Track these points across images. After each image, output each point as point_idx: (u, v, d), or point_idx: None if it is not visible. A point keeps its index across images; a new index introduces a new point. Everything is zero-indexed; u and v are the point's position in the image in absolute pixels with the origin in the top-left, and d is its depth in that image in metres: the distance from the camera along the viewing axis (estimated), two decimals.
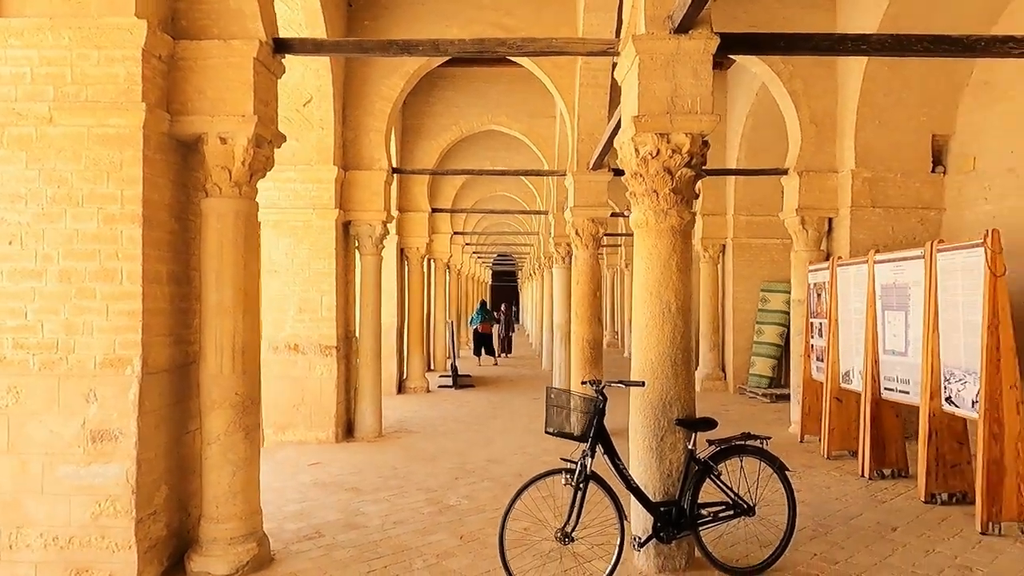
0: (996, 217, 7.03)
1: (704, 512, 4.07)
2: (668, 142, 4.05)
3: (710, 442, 4.15)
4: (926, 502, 5.45)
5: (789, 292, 9.20)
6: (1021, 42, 4.22)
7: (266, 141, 4.35)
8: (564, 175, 8.73)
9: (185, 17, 4.19)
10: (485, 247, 29.34)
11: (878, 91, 7.67)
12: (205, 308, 4.19)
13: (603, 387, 3.94)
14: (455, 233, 17.78)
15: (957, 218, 7.66)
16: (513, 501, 3.75)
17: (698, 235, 12.27)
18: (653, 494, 4.09)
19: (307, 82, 7.72)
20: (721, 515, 4.11)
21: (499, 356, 18.70)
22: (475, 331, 18.40)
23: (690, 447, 4.07)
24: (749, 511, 4.14)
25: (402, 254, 12.68)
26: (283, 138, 4.67)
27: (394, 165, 11.34)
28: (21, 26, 3.76)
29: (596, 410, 3.86)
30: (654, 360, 4.14)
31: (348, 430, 8.30)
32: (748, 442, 4.17)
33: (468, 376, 14.17)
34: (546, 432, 3.97)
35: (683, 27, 3.92)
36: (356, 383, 8.41)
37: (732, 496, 4.13)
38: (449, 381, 13.15)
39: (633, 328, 4.32)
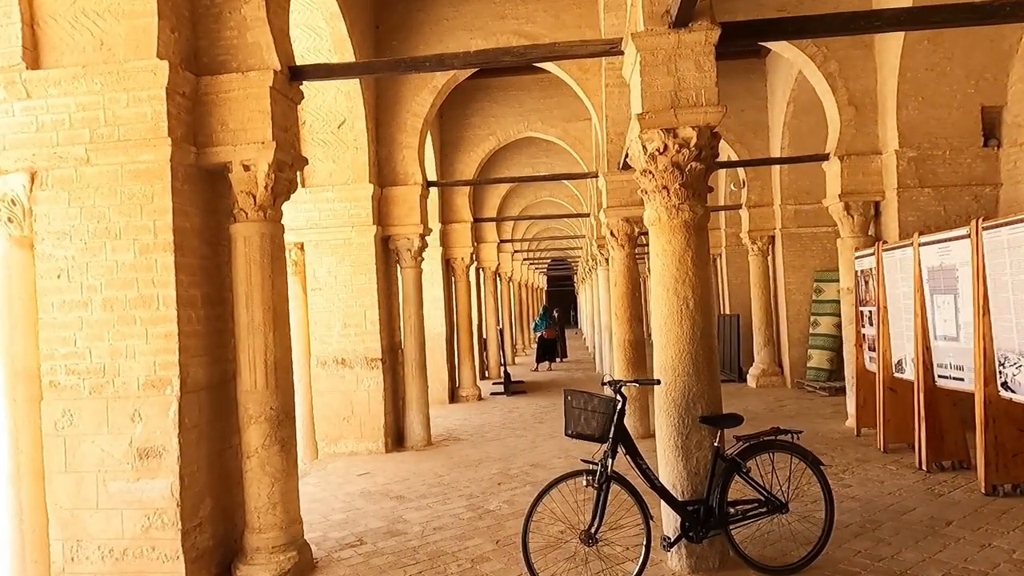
0: None
1: (734, 510, 3.99)
2: (675, 137, 4.02)
3: (737, 438, 4.07)
4: (987, 494, 5.15)
5: None
6: None
7: (287, 165, 4.54)
8: (596, 177, 8.70)
9: (206, 54, 4.43)
10: (537, 253, 29.35)
11: (918, 67, 7.33)
12: (238, 327, 4.41)
13: (620, 387, 3.93)
14: (502, 241, 17.90)
15: (1015, 192, 7.23)
16: (534, 505, 3.79)
17: (744, 227, 11.99)
18: (680, 493, 4.04)
19: (340, 105, 7.99)
20: (752, 513, 4.01)
21: (552, 361, 18.52)
22: (540, 337, 17.97)
23: (716, 444, 4.00)
24: (782, 508, 4.03)
25: (448, 265, 12.87)
26: (305, 161, 4.86)
27: (432, 178, 11.61)
28: (59, 76, 4.07)
29: (614, 410, 3.85)
30: (674, 357, 4.09)
31: (398, 440, 8.48)
32: (778, 437, 4.07)
33: (521, 382, 14.23)
34: (566, 435, 3.98)
35: (681, 20, 3.88)
36: (404, 394, 8.60)
37: (763, 493, 4.03)
38: (502, 388, 13.25)
39: (653, 326, 4.28)
